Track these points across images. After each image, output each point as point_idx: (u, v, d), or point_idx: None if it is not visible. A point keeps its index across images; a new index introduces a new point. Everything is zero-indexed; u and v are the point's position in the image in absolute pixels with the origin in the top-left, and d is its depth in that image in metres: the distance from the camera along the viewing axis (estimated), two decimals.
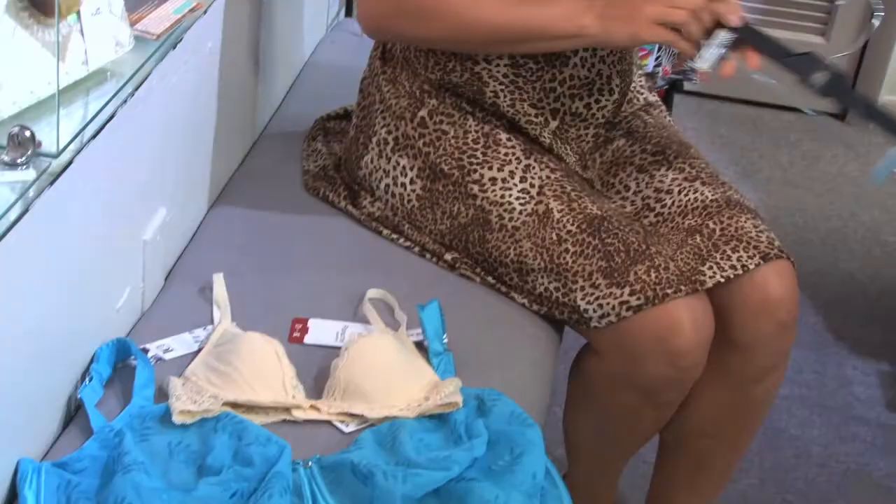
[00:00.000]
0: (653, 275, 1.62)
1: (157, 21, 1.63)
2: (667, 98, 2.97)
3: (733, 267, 1.65)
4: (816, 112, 3.74)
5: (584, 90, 1.80)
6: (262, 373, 1.49)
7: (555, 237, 1.69)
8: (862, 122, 3.69)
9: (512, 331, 1.71)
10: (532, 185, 1.74)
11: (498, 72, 1.77)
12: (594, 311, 1.63)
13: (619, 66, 1.81)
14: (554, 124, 1.80)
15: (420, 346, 1.61)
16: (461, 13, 1.68)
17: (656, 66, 2.75)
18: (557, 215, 1.71)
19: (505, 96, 1.78)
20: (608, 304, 1.62)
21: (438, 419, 1.47)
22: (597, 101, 1.82)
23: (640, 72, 1.97)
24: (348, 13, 2.58)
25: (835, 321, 1.78)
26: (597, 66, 1.79)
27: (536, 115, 1.79)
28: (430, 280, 1.76)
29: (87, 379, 1.47)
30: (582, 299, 1.64)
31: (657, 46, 2.71)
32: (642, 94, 1.94)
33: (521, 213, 1.72)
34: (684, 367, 1.65)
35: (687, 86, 3.01)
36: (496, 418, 1.47)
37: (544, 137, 1.80)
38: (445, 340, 1.62)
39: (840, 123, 3.73)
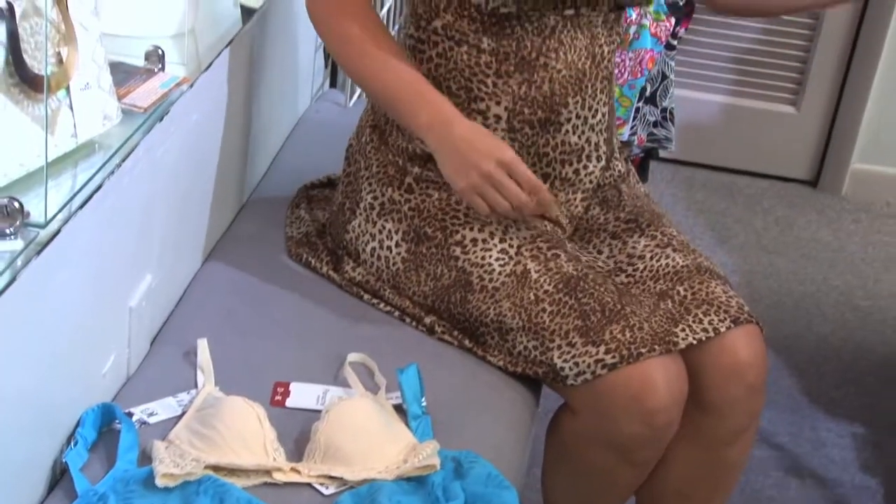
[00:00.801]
0: (627, 334, 1.63)
1: (144, 95, 1.64)
2: (643, 165, 2.99)
3: (705, 330, 1.66)
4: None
5: (574, 156, 1.82)
6: (244, 436, 1.48)
7: (532, 297, 1.69)
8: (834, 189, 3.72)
9: (489, 394, 1.71)
10: (511, 246, 1.75)
11: (493, 130, 1.79)
12: (570, 369, 1.63)
13: (605, 133, 1.84)
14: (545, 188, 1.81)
15: (399, 409, 1.61)
16: (347, 55, 1.79)
17: (632, 134, 2.77)
18: (535, 276, 1.71)
19: None
20: (584, 361, 1.62)
21: (416, 481, 1.46)
22: (584, 167, 1.83)
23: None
24: (332, 84, 2.60)
25: (809, 384, 1.79)
26: (587, 133, 1.81)
27: None
28: (409, 344, 1.76)
29: (72, 443, 1.46)
30: (559, 357, 1.64)
31: (632, 116, 2.73)
32: (618, 162, 1.95)
33: (500, 273, 1.72)
34: (658, 426, 1.65)
35: (662, 153, 3.03)
36: (473, 480, 1.47)
37: None
38: (424, 403, 1.62)
39: (812, 190, 3.75)
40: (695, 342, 1.65)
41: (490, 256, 1.74)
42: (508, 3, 1.69)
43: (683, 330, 1.65)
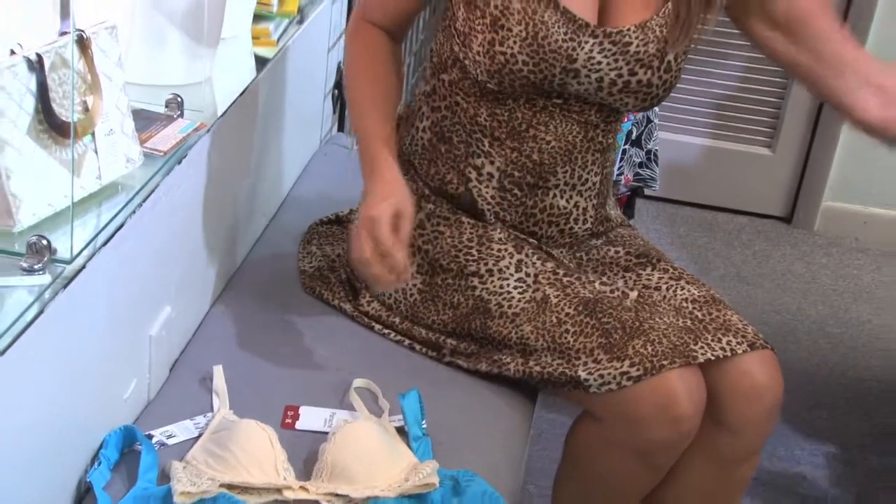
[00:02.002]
0: (649, 348, 1.62)
1: (164, 139, 1.64)
2: (629, 203, 2.99)
3: (723, 349, 1.65)
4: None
5: (561, 218, 1.82)
6: (257, 457, 1.47)
7: (555, 320, 1.69)
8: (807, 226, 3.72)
9: (485, 417, 1.70)
10: (528, 275, 1.74)
11: (486, 192, 1.79)
12: (594, 380, 1.62)
13: (595, 200, 1.84)
14: (533, 242, 1.81)
15: (401, 431, 1.60)
16: (351, 87, 1.84)
17: (619, 174, 2.77)
18: (554, 300, 1.71)
19: (490, 214, 1.80)
20: (609, 374, 1.61)
21: (417, 499, 1.46)
22: (570, 229, 1.83)
23: None
24: (340, 129, 2.60)
25: (784, 405, 1.79)
26: (574, 198, 1.81)
27: (520, 233, 1.81)
28: (410, 370, 1.75)
29: (95, 463, 1.46)
30: (583, 371, 1.63)
31: (619, 157, 2.73)
32: (615, 213, 1.95)
33: (519, 300, 1.72)
34: (684, 432, 1.65)
35: (647, 191, 3.03)
36: (470, 498, 1.46)
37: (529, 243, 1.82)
38: (424, 426, 1.61)
39: (787, 226, 3.75)
40: (713, 358, 1.64)
41: (508, 285, 1.73)
42: (493, 83, 1.70)
43: (702, 347, 1.64)
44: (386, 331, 1.82)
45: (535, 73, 1.68)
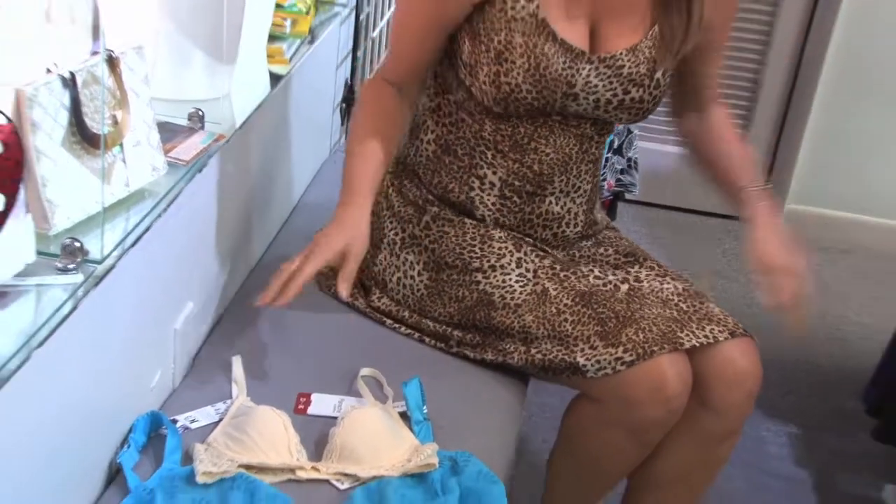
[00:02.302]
0: (640, 335, 1.62)
1: (186, 149, 1.64)
2: (612, 206, 2.99)
3: (706, 337, 1.65)
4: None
5: (554, 222, 1.82)
6: (272, 439, 1.48)
7: (554, 310, 1.69)
8: None
9: (482, 402, 1.70)
10: (528, 271, 1.74)
11: (487, 199, 1.79)
12: (591, 366, 1.62)
13: (585, 206, 1.83)
14: (529, 241, 1.81)
15: (404, 415, 1.61)
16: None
17: (602, 180, 2.77)
18: (553, 293, 1.71)
19: (490, 220, 1.80)
20: (605, 359, 1.62)
21: (418, 478, 1.46)
22: (562, 232, 1.83)
23: None
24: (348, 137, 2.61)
25: None
26: (568, 204, 1.81)
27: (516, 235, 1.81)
28: (413, 360, 1.75)
29: (125, 446, 1.47)
30: (581, 357, 1.63)
31: (602, 164, 2.73)
32: (601, 216, 1.95)
33: (521, 293, 1.72)
34: (673, 410, 1.65)
35: (628, 196, 3.03)
36: (467, 477, 1.46)
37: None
38: (425, 411, 1.62)
39: None
40: (697, 344, 1.64)
41: (510, 280, 1.73)
42: (499, 108, 1.70)
43: (688, 335, 1.65)
44: (396, 325, 1.82)
45: (539, 99, 1.68)
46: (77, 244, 1.32)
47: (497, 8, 1.65)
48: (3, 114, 1.22)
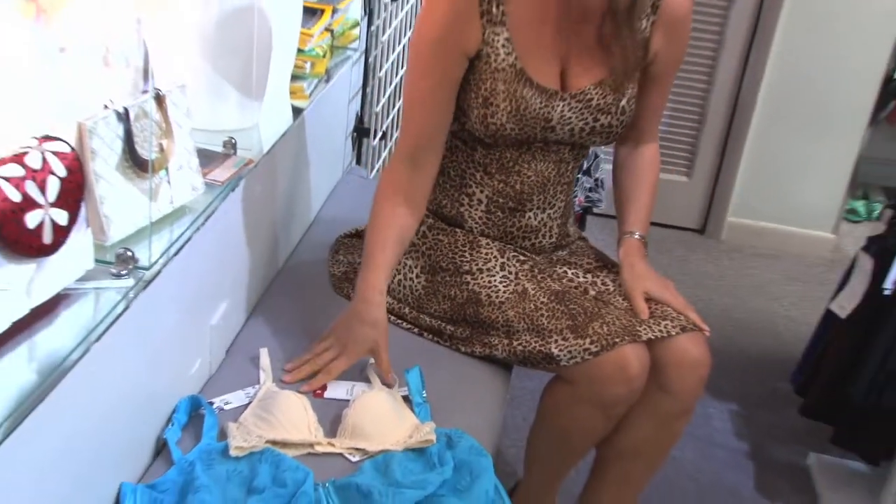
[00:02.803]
0: (605, 328, 1.62)
1: (221, 172, 1.64)
2: (582, 219, 2.99)
3: (661, 331, 1.65)
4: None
5: (532, 233, 1.81)
6: (294, 419, 1.49)
7: (532, 307, 1.68)
8: (716, 236, 3.73)
9: (472, 388, 1.70)
10: (510, 273, 1.73)
11: (475, 214, 1.78)
12: (564, 355, 1.62)
13: (559, 220, 1.83)
14: (511, 247, 1.80)
15: (406, 399, 1.61)
16: (370, 232, 1.72)
17: (573, 197, 2.77)
18: (532, 292, 1.70)
19: (477, 231, 1.79)
20: (575, 349, 1.61)
21: (419, 451, 1.47)
22: (539, 243, 1.82)
23: None
24: (358, 162, 2.60)
25: None
26: (544, 219, 1.80)
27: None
28: (414, 351, 1.75)
29: (169, 424, 1.47)
30: (555, 347, 1.63)
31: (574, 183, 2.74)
32: (574, 229, 1.93)
33: (504, 292, 1.71)
34: (634, 389, 1.65)
35: (596, 210, 3.03)
36: (460, 450, 1.47)
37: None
38: (424, 394, 1.62)
39: (700, 236, 3.77)
40: (653, 337, 1.64)
41: (495, 280, 1.72)
42: (488, 140, 1.70)
43: (645, 329, 1.64)
44: (398, 321, 1.81)
45: (521, 134, 1.68)
46: (129, 253, 1.32)
47: (483, 61, 1.65)
48: (68, 143, 1.22)
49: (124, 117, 1.35)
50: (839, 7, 3.32)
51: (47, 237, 1.16)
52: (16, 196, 1.11)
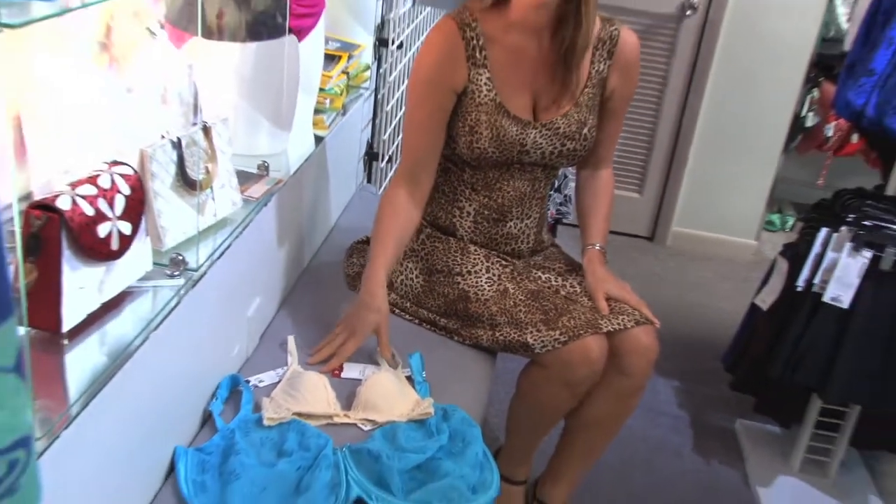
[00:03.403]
0: (572, 322, 1.62)
1: (256, 189, 1.65)
2: (553, 228, 2.98)
3: (619, 324, 1.65)
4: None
5: (512, 240, 1.80)
6: (316, 395, 1.49)
7: (512, 303, 1.68)
8: (662, 242, 3.73)
9: (464, 370, 1.70)
10: (494, 275, 1.73)
11: (465, 223, 1.78)
12: (538, 344, 1.62)
13: (535, 228, 1.82)
14: (495, 253, 1.79)
15: (409, 378, 1.60)
16: (374, 236, 1.72)
17: (546, 210, 2.77)
18: (512, 291, 1.70)
19: (467, 238, 1.79)
20: (547, 339, 1.61)
21: (419, 423, 1.47)
22: (518, 247, 1.81)
23: None
24: (369, 181, 2.60)
25: None
26: (522, 228, 1.80)
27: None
28: (416, 339, 1.74)
29: (214, 398, 1.47)
30: (530, 337, 1.62)
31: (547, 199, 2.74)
32: (547, 237, 1.93)
33: (488, 290, 1.70)
34: (596, 371, 1.64)
35: (565, 221, 3.03)
36: (454, 422, 1.47)
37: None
38: (424, 375, 1.62)
39: (650, 243, 3.76)
40: (612, 330, 1.64)
41: (481, 281, 1.72)
42: (474, 162, 1.70)
43: (605, 323, 1.65)
44: (401, 313, 1.80)
45: (500, 156, 1.68)
46: (180, 257, 1.33)
47: (469, 97, 1.66)
48: (132, 167, 1.22)
49: (177, 145, 1.35)
50: (758, 60, 3.36)
51: (115, 245, 1.17)
52: (90, 211, 1.12)
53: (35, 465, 0.53)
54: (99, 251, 1.13)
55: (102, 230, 1.13)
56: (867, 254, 1.97)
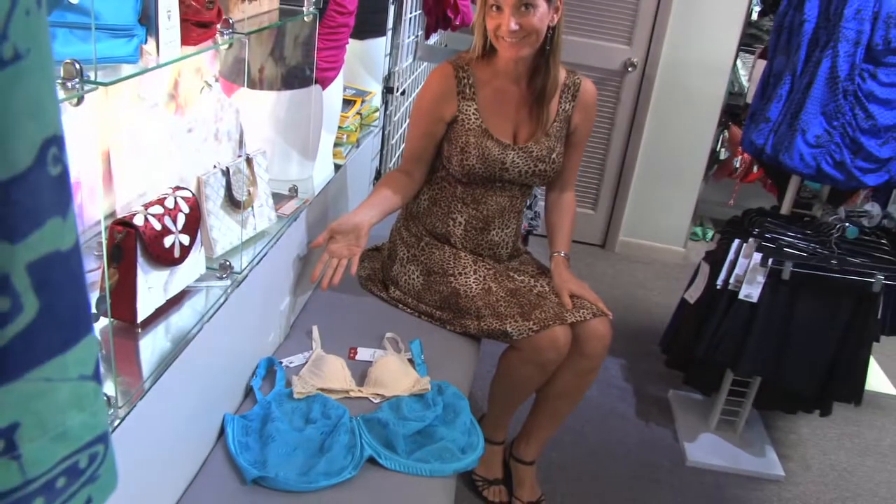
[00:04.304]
0: (543, 314, 1.62)
1: (288, 208, 1.65)
2: (526, 238, 2.98)
3: (580, 317, 1.66)
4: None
5: (495, 246, 1.80)
6: (335, 374, 1.49)
7: (494, 299, 1.67)
8: (612, 249, 3.75)
9: (455, 353, 1.69)
10: (480, 276, 1.72)
11: (457, 232, 1.78)
12: (515, 332, 1.61)
13: (513, 237, 1.83)
14: (480, 257, 1.79)
15: (410, 361, 1.60)
16: (374, 191, 1.74)
17: (521, 222, 2.77)
18: (495, 289, 1.70)
19: (459, 245, 1.78)
20: (523, 329, 1.61)
21: (419, 396, 1.47)
22: (499, 252, 1.82)
23: None
24: None
25: None
26: (504, 236, 1.80)
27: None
28: (416, 328, 1.74)
29: (254, 376, 1.47)
30: (509, 327, 1.62)
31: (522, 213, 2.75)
32: (522, 246, 1.92)
33: (475, 289, 1.70)
34: (562, 353, 1.64)
35: (535, 233, 3.03)
36: (447, 396, 1.48)
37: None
38: (423, 358, 1.61)
39: (602, 250, 3.74)
40: (575, 321, 1.65)
41: (469, 281, 1.72)
42: (464, 179, 1.71)
43: (569, 316, 1.65)
44: (404, 307, 1.80)
45: (486, 172, 1.70)
46: (228, 263, 1.34)
47: (459, 124, 1.68)
48: (191, 190, 1.23)
49: (226, 173, 1.36)
50: (683, 107, 3.40)
51: (177, 253, 1.17)
52: (158, 226, 1.12)
53: (112, 456, 0.52)
54: (165, 258, 1.14)
55: (168, 241, 1.14)
56: (770, 263, 2.01)
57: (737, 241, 2.09)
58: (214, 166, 1.34)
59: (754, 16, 3.45)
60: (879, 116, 1.88)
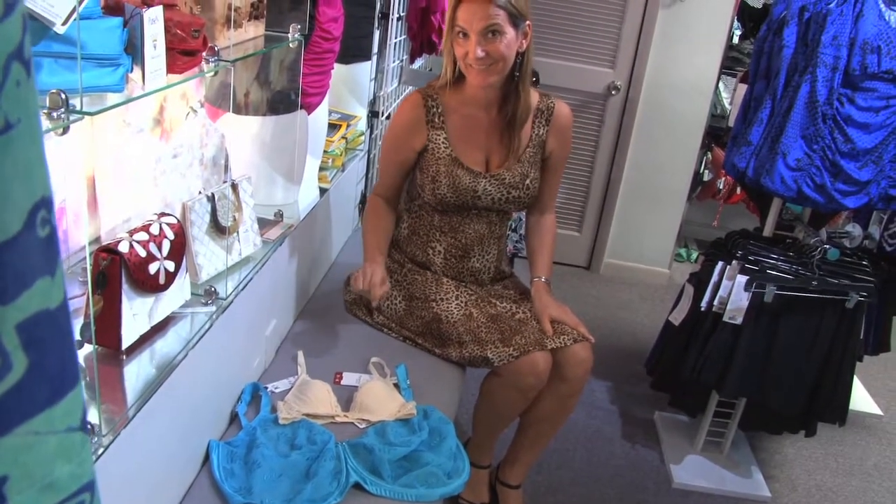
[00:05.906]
0: (523, 340, 1.62)
1: (273, 233, 1.65)
2: (511, 261, 2.98)
3: (560, 343, 1.65)
4: None
5: (476, 272, 1.81)
6: (321, 399, 1.49)
7: (475, 325, 1.67)
8: (597, 271, 3.77)
9: (440, 377, 1.70)
10: (462, 302, 1.72)
11: (437, 260, 1.78)
12: (496, 358, 1.61)
13: (494, 263, 1.83)
14: (463, 283, 1.80)
15: (396, 385, 1.60)
16: (364, 225, 1.78)
17: (505, 247, 2.79)
18: (476, 315, 1.69)
19: (439, 272, 1.79)
20: (503, 354, 1.61)
21: (405, 421, 1.47)
22: (481, 278, 1.82)
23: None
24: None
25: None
26: (486, 262, 1.81)
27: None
28: (402, 353, 1.74)
29: (239, 401, 1.47)
30: (490, 353, 1.62)
31: (506, 238, 2.77)
32: (507, 269, 1.92)
33: (457, 315, 1.70)
34: (542, 379, 1.64)
35: (520, 256, 3.03)
36: (433, 420, 1.48)
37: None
38: (408, 382, 1.61)
39: (587, 271, 3.77)
40: (555, 347, 1.65)
41: (451, 307, 1.71)
42: (439, 207, 1.72)
43: (550, 342, 1.65)
44: (388, 332, 1.80)
45: (458, 200, 1.70)
46: (213, 289, 1.34)
47: (430, 153, 1.69)
48: (176, 217, 1.23)
49: (211, 199, 1.37)
50: (666, 130, 3.45)
51: (162, 279, 1.18)
52: (143, 252, 1.13)
53: (99, 503, 0.52)
54: (150, 285, 1.15)
55: (153, 268, 1.15)
56: (753, 287, 2.04)
57: (720, 264, 2.11)
58: (200, 192, 1.35)
59: (735, 39, 3.54)
60: (858, 140, 1.92)
